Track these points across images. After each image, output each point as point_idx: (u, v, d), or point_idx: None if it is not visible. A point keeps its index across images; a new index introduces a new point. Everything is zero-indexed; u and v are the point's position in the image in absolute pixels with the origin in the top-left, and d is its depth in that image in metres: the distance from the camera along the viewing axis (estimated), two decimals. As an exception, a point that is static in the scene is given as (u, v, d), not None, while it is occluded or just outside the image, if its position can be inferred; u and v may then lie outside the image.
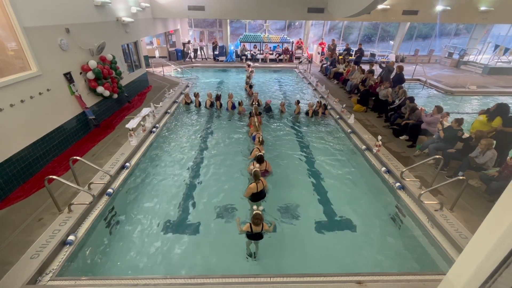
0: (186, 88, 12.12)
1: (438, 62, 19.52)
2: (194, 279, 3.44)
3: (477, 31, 18.77)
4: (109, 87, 7.51)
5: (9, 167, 4.73)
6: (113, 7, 8.65)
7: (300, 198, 5.30)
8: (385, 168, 5.85)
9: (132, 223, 4.61)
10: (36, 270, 3.33)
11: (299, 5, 14.34)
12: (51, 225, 4.02)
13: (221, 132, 8.04)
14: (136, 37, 10.85)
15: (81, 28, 6.91)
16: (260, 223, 3.82)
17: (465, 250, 2.22)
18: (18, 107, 4.93)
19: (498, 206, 1.94)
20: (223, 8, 14.36)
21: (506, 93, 12.66)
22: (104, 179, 5.11)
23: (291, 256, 4.10)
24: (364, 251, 4.22)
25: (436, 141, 6.15)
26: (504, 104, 5.93)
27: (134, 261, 3.96)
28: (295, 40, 18.95)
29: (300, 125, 8.76)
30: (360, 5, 10.51)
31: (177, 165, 6.32)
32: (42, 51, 5.53)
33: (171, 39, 18.09)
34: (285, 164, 6.45)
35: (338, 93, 11.72)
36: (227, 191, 5.45)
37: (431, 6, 14.16)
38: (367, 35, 20.56)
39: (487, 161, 5.08)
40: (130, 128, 6.72)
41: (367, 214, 4.92)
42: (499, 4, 14.19)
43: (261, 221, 3.82)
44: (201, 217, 4.80)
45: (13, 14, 4.83)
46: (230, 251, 4.16)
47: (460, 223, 4.23)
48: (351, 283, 3.34)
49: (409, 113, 7.33)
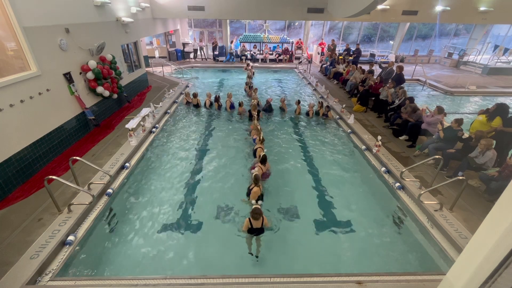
0: (186, 88, 12.11)
1: (437, 62, 19.53)
2: (194, 279, 3.44)
3: (476, 32, 18.80)
4: (108, 87, 7.51)
5: (9, 167, 4.73)
6: (112, 7, 8.65)
7: (300, 198, 5.30)
8: (384, 168, 5.85)
9: (132, 223, 4.60)
10: (36, 270, 3.33)
11: (299, 5, 14.36)
12: (51, 225, 4.02)
13: (221, 132, 8.03)
14: (135, 37, 10.85)
15: (81, 28, 6.91)
16: (259, 217, 3.83)
17: (464, 250, 2.22)
18: (18, 107, 4.93)
19: (497, 206, 1.94)
20: (223, 8, 14.38)
21: (506, 93, 12.68)
22: (103, 179, 5.11)
23: (291, 256, 4.10)
24: (364, 251, 4.22)
25: (435, 141, 6.16)
26: (503, 104, 5.93)
27: (133, 261, 3.95)
28: (294, 40, 18.96)
29: (300, 125, 8.76)
30: (359, 6, 10.53)
31: (176, 165, 6.32)
32: (42, 51, 5.53)
33: (171, 39, 18.09)
34: (285, 164, 6.45)
35: (338, 93, 11.73)
36: (227, 191, 5.45)
37: (430, 7, 14.19)
38: (366, 35, 20.57)
39: (487, 161, 5.09)
40: (129, 128, 6.72)
41: (366, 214, 4.93)
42: (498, 4, 14.22)
43: (260, 215, 3.84)
44: (201, 217, 4.79)
45: (12, 14, 4.83)
46: (230, 251, 4.16)
47: (460, 223, 4.24)
48: (351, 283, 3.35)
49: (409, 114, 7.33)
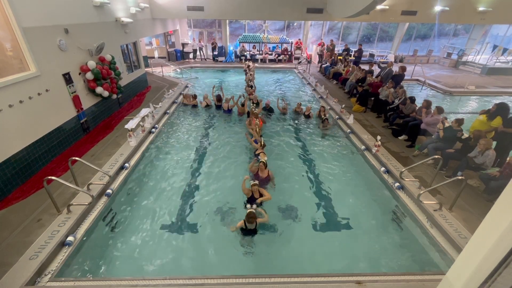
0: (186, 88, 12.10)
1: (437, 62, 19.56)
2: (193, 280, 3.43)
3: (475, 32, 18.84)
4: (108, 87, 7.50)
5: (8, 168, 4.72)
6: (112, 7, 8.64)
7: (299, 198, 5.30)
8: (384, 168, 5.86)
9: (131, 223, 4.60)
10: (35, 271, 3.32)
11: (298, 6, 14.35)
12: (50, 226, 4.01)
13: (220, 133, 8.03)
14: (135, 38, 10.84)
15: (80, 29, 6.90)
16: (253, 221, 4.12)
17: (464, 250, 2.22)
18: (17, 108, 4.92)
19: (497, 206, 1.94)
20: (222, 8, 14.37)
21: (505, 93, 12.70)
22: (103, 179, 5.10)
23: (291, 256, 4.10)
24: (363, 251, 4.22)
25: (435, 141, 6.17)
26: (504, 104, 5.91)
27: (133, 261, 3.95)
28: (294, 41, 18.96)
29: (300, 125, 8.76)
30: (359, 6, 10.53)
31: (176, 165, 6.31)
32: (41, 52, 5.52)
33: (170, 40, 18.08)
34: (285, 164, 6.45)
35: (337, 93, 11.73)
36: (227, 191, 5.44)
37: (429, 7, 14.20)
38: (366, 35, 20.59)
39: (486, 161, 5.09)
40: (129, 128, 6.70)
41: (366, 214, 4.93)
42: (497, 4, 14.24)
43: (254, 219, 4.12)
44: (201, 217, 4.79)
45: (12, 15, 4.82)
46: (230, 252, 4.15)
47: (459, 223, 4.24)
48: (350, 283, 3.35)
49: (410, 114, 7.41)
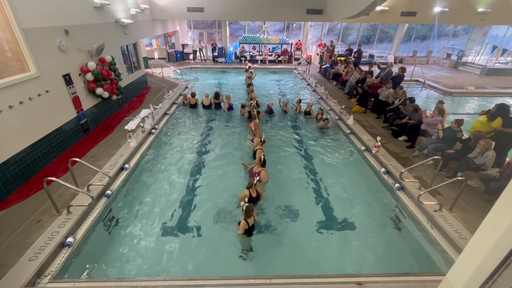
0: (185, 89, 12.11)
1: (436, 63, 19.59)
2: (193, 281, 3.42)
3: (475, 32, 18.88)
4: (108, 88, 7.50)
5: (8, 169, 4.72)
6: (112, 8, 8.66)
7: (299, 199, 5.30)
8: (384, 169, 5.86)
9: (131, 224, 4.59)
10: (35, 272, 3.32)
11: (298, 7, 14.38)
12: (50, 227, 4.00)
13: (220, 133, 8.03)
14: (135, 39, 10.85)
15: (80, 30, 6.91)
16: (252, 214, 4.17)
17: (464, 250, 2.22)
18: (17, 109, 4.92)
19: (497, 206, 1.94)
20: (222, 9, 14.39)
21: (504, 94, 12.71)
22: (103, 180, 5.10)
23: (291, 257, 4.09)
24: (363, 252, 4.21)
25: (435, 141, 6.17)
26: (504, 105, 5.92)
27: (133, 262, 3.93)
28: (294, 42, 18.99)
29: (300, 125, 8.76)
30: (358, 7, 10.53)
31: (176, 166, 6.31)
32: (41, 53, 5.53)
33: (170, 41, 18.10)
34: (284, 164, 6.45)
35: (337, 94, 11.74)
36: (226, 192, 5.43)
37: (429, 8, 14.22)
38: (365, 36, 20.62)
39: (486, 162, 5.09)
40: (129, 129, 6.70)
41: (366, 215, 4.92)
42: (496, 5, 14.27)
43: (253, 211, 4.19)
44: (200, 218, 4.78)
45: (12, 16, 4.83)
46: (230, 252, 4.15)
47: (459, 224, 4.24)
48: (350, 284, 3.35)
49: (410, 113, 7.34)
